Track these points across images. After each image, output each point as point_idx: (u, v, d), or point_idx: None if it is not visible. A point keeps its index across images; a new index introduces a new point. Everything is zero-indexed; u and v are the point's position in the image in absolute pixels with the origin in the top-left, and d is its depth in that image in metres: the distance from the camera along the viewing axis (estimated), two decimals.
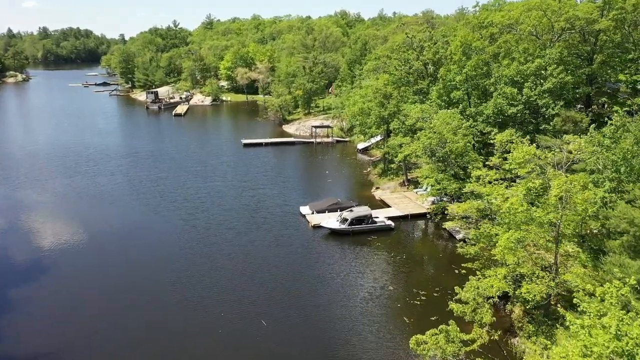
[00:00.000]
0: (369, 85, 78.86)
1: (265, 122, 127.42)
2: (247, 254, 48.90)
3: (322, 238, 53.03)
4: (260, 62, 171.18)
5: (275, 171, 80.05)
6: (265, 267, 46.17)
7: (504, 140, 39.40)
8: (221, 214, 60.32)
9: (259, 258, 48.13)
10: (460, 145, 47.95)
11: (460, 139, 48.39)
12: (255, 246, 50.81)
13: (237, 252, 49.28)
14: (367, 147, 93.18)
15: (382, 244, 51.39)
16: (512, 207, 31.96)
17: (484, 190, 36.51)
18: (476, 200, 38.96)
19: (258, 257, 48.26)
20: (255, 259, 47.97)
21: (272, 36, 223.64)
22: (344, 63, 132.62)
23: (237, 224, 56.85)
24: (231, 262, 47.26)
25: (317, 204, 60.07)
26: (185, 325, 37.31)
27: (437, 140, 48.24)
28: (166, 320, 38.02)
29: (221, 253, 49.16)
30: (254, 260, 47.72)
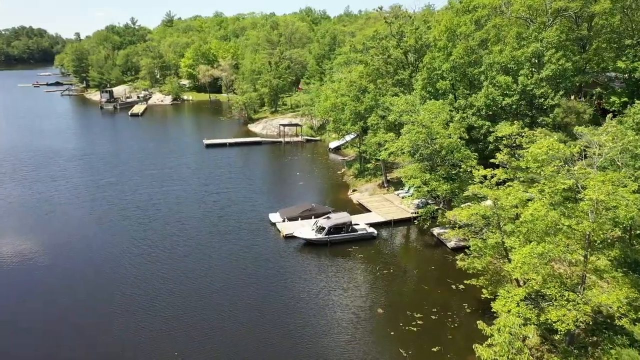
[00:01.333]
0: (341, 78, 72.30)
1: (229, 121, 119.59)
2: (207, 271, 41.46)
3: (295, 250, 46.06)
4: (223, 59, 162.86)
5: (241, 173, 72.59)
6: (230, 287, 38.87)
7: (513, 133, 33.30)
8: (179, 222, 52.61)
9: (222, 276, 40.79)
10: (453, 140, 41.85)
11: (452, 133, 42.26)
12: (217, 261, 43.42)
13: (195, 269, 41.78)
14: (339, 146, 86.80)
15: (365, 255, 44.79)
16: (537, 213, 25.75)
17: (492, 194, 30.31)
18: (480, 204, 32.71)
19: (221, 275, 40.90)
20: (217, 276, 40.61)
21: (236, 33, 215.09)
22: (312, 58, 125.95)
23: (197, 235, 49.29)
24: (188, 281, 39.73)
25: (288, 211, 53.05)
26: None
27: (426, 136, 41.98)
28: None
29: (176, 271, 41.54)
30: (216, 278, 40.35)
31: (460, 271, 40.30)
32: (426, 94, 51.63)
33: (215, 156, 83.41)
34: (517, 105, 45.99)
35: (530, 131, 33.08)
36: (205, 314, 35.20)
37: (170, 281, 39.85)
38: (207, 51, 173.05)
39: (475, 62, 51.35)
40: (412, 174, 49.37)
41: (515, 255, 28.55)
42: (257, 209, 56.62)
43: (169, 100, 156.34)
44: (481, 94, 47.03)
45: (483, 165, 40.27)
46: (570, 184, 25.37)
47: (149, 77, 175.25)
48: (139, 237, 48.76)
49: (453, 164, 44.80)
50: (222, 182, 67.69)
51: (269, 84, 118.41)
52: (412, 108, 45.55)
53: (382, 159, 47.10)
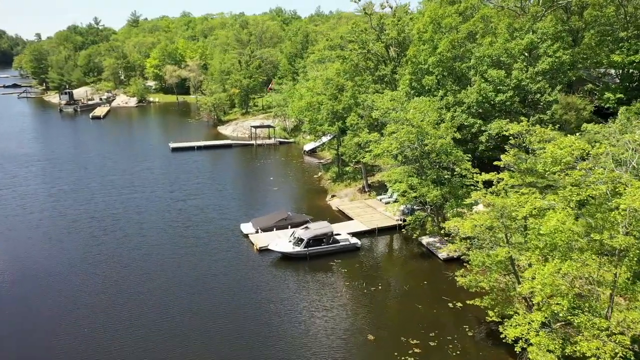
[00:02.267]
0: (317, 76, 67.71)
1: (198, 123, 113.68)
2: (170, 293, 36.14)
3: (271, 265, 41.11)
4: (190, 59, 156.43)
5: (210, 179, 67.12)
6: (195, 311, 33.68)
7: (523, 130, 29.22)
8: (139, 234, 47.03)
9: (186, 298, 35.54)
10: (445, 141, 37.63)
11: (444, 133, 38.05)
12: (181, 280, 38.13)
13: (156, 291, 36.42)
14: (315, 148, 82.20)
15: (349, 269, 40.15)
16: (561, 225, 21.54)
17: (500, 202, 26.03)
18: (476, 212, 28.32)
19: (184, 297, 35.65)
20: (180, 299, 35.34)
21: (204, 34, 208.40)
22: (284, 57, 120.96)
23: (158, 249, 43.83)
24: (146, 308, 34.35)
25: (262, 220, 48.03)
26: None
27: (416, 136, 37.63)
28: None
29: (133, 293, 36.09)
30: (179, 300, 35.09)
31: (455, 286, 36.09)
32: (411, 91, 47.42)
33: (182, 160, 77.68)
34: (511, 102, 42.12)
35: (540, 129, 28.94)
36: (168, 347, 29.93)
37: (125, 307, 34.36)
38: (174, 51, 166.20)
39: (462, 56, 47.41)
40: (397, 178, 45.10)
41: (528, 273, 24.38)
42: (228, 218, 51.43)
43: (134, 102, 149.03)
44: (472, 90, 43.02)
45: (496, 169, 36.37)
46: (603, 191, 21.27)
47: (112, 79, 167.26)
48: (92, 253, 43.05)
49: (444, 167, 40.61)
50: (189, 188, 62.17)
51: (239, 84, 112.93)
52: (399, 105, 41.20)
53: (366, 162, 42.64)
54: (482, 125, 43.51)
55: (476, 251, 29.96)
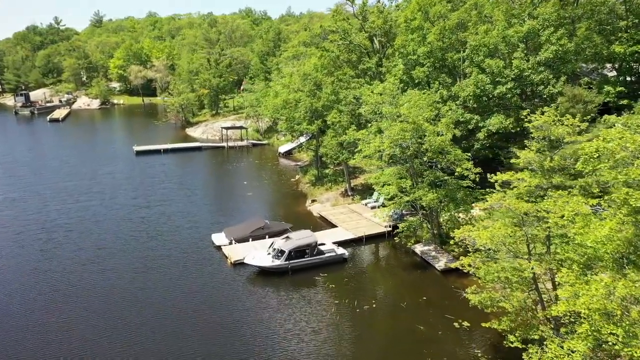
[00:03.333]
0: (293, 72, 62.94)
1: (165, 125, 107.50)
2: (132, 316, 30.71)
3: (247, 281, 36.02)
4: (157, 59, 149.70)
5: (178, 183, 61.49)
6: (160, 338, 28.37)
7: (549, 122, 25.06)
8: (95, 247, 41.36)
9: (150, 321, 30.18)
10: (445, 139, 33.33)
11: (444, 129, 33.72)
12: (143, 300, 32.70)
13: (111, 313, 30.93)
14: (290, 150, 77.35)
15: (337, 284, 35.37)
16: (615, 235, 17.31)
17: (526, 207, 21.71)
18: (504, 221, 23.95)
19: (148, 320, 30.28)
20: (143, 323, 29.96)
21: (171, 34, 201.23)
22: (255, 56, 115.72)
23: (117, 264, 38.27)
24: (103, 331, 28.86)
25: (236, 230, 42.85)
26: None
27: (412, 133, 33.20)
28: None
29: (87, 315, 30.54)
30: (141, 325, 29.71)
31: (459, 301, 31.85)
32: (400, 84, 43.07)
33: (147, 164, 71.74)
34: (511, 95, 38.22)
35: (572, 119, 24.81)
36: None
37: (78, 332, 28.79)
38: (139, 51, 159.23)
39: (453, 47, 43.38)
40: (386, 181, 40.68)
41: (565, 292, 20.12)
42: (197, 227, 46.10)
43: (97, 105, 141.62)
44: (469, 82, 38.94)
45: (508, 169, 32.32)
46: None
47: (73, 80, 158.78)
48: (41, 269, 37.26)
49: (441, 167, 36.32)
50: (154, 194, 56.48)
51: (209, 83, 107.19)
52: (389, 99, 36.74)
53: (354, 163, 37.93)
54: (480, 121, 39.50)
55: (489, 264, 25.58)
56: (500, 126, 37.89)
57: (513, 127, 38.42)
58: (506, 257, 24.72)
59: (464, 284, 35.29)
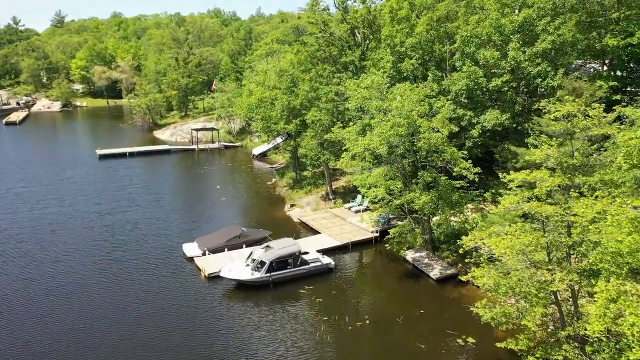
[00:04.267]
0: (267, 69, 59.39)
1: (131, 128, 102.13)
2: (88, 338, 26.62)
3: (224, 297, 32.26)
4: (122, 59, 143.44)
5: (145, 188, 57.06)
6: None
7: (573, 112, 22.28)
8: (51, 259, 36.98)
9: (112, 345, 26.14)
10: (441, 136, 30.36)
11: (440, 126, 30.74)
12: (105, 322, 28.60)
13: (69, 335, 26.76)
14: (265, 151, 73.68)
15: (325, 298, 31.93)
16: None
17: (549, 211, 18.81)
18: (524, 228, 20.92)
19: (110, 344, 26.23)
20: (104, 347, 25.89)
21: (137, 34, 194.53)
22: (226, 56, 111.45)
23: (77, 278, 34.02)
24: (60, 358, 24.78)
25: (210, 239, 38.98)
26: None
27: (406, 129, 30.09)
28: None
29: (38, 337, 26.30)
30: (102, 350, 25.65)
31: (459, 313, 29.05)
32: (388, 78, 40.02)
33: (111, 168, 66.94)
34: (508, 88, 35.64)
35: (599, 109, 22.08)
36: None
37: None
38: (103, 51, 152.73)
39: (441, 39, 40.64)
40: (374, 182, 37.60)
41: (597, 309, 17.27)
42: (167, 236, 42.06)
43: (58, 107, 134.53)
44: (462, 75, 36.15)
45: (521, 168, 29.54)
46: None
47: (32, 81, 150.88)
48: None
49: (439, 167, 33.35)
50: (119, 199, 52.01)
51: (177, 84, 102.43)
52: (378, 94, 33.57)
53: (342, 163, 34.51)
54: (473, 117, 36.77)
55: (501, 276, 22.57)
56: (496, 122, 35.25)
57: (509, 123, 35.84)
58: (520, 267, 21.77)
59: (463, 294, 32.54)
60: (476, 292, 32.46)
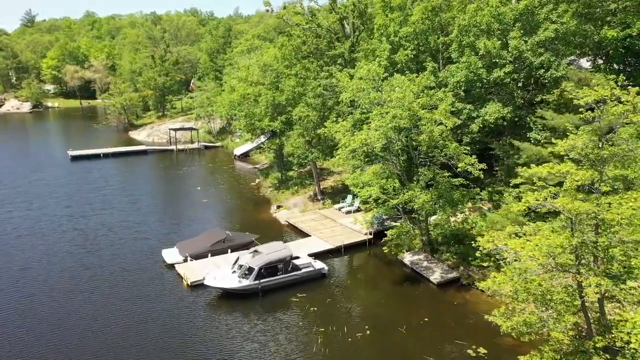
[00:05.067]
0: (250, 64, 56.71)
1: (106, 129, 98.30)
2: (57, 355, 23.64)
3: (209, 307, 29.47)
4: (95, 59, 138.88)
5: (121, 190, 53.73)
6: None
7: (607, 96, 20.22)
8: (17, 268, 33.57)
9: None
10: (445, 129, 28.15)
11: (444, 118, 28.50)
12: (77, 334, 25.57)
13: (40, 352, 23.76)
14: (247, 151, 70.93)
15: (320, 307, 29.35)
16: None
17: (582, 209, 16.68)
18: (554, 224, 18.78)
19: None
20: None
21: (111, 34, 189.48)
22: (204, 54, 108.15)
23: (46, 286, 30.84)
24: None
25: (192, 244, 36.07)
26: None
27: (408, 122, 27.79)
28: None
29: (2, 351, 23.25)
30: None
31: (466, 321, 26.88)
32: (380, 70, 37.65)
33: (85, 170, 63.32)
34: (510, 80, 33.68)
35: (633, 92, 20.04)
36: None
37: None
38: (76, 50, 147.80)
39: (436, 29, 38.56)
40: (368, 181, 35.28)
41: None
42: (146, 241, 39.02)
43: (28, 108, 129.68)
44: (461, 66, 34.05)
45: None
46: None
47: (0, 81, 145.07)
48: None
49: (438, 164, 31.10)
50: (93, 202, 48.67)
51: (154, 82, 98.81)
52: (373, 85, 31.20)
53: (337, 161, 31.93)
54: (473, 111, 34.72)
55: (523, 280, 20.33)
56: (498, 115, 33.25)
57: (512, 116, 33.89)
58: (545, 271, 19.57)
59: (467, 299, 30.39)
60: (480, 296, 30.39)
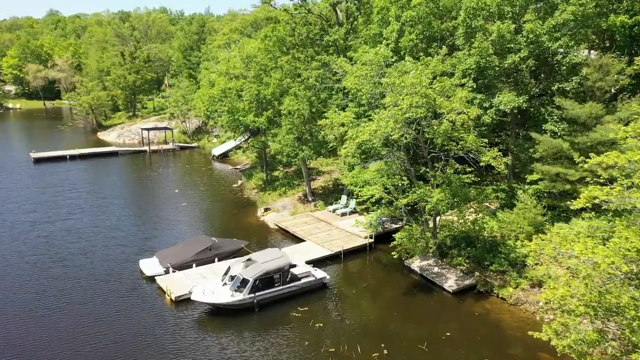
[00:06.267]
0: (232, 56, 52.80)
1: (72, 130, 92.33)
2: None
3: (198, 326, 25.51)
4: (60, 57, 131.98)
5: (91, 193, 48.95)
6: None
7: None
8: None
9: None
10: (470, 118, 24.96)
11: (463, 106, 25.29)
12: (40, 357, 21.43)
13: None
14: (226, 152, 66.88)
15: (327, 323, 25.67)
16: None
17: None
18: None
19: None
20: None
21: (77, 33, 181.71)
22: (177, 51, 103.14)
23: (6, 302, 26.30)
24: None
25: (174, 252, 31.95)
26: None
27: (426, 109, 24.47)
28: None
29: None
30: None
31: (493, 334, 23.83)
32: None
33: (49, 173, 58.07)
34: (525, 67, 30.76)
35: None
36: None
37: None
38: (39, 48, 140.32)
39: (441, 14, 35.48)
40: (370, 179, 31.91)
41: None
42: (120, 249, 34.71)
43: None
44: (474, 51, 30.97)
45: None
46: None
47: None
48: None
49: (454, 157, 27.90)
50: (59, 207, 43.93)
51: (124, 81, 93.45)
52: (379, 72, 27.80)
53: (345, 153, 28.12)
54: (485, 101, 31.72)
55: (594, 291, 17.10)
56: (514, 105, 30.31)
57: (527, 106, 31.02)
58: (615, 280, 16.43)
59: (488, 308, 27.28)
60: (502, 305, 27.40)
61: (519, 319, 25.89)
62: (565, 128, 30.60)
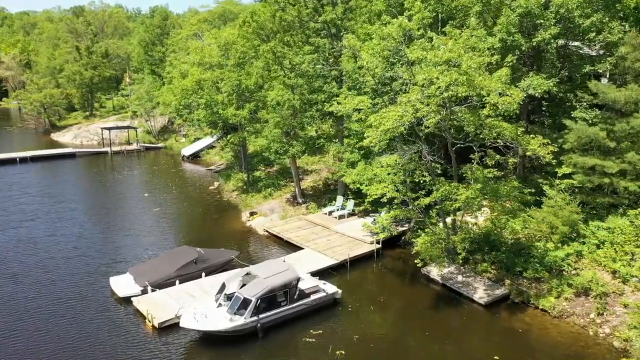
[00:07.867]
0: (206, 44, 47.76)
1: (22, 131, 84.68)
2: None
3: (187, 355, 20.62)
4: (6, 55, 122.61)
5: (47, 198, 42.78)
6: None
7: None
8: None
9: None
10: (517, 101, 21.11)
11: (505, 88, 21.42)
12: None
13: None
14: (197, 152, 61.60)
15: (348, 348, 21.08)
16: None
17: None
18: None
19: None
20: None
21: (25, 30, 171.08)
22: (138, 45, 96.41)
23: None
24: None
25: (152, 267, 26.73)
26: None
27: (467, 88, 20.44)
28: None
29: None
30: None
31: (544, 353, 19.91)
32: None
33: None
34: (556, 46, 27.30)
35: None
36: None
37: None
38: None
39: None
40: (380, 177, 27.85)
41: None
42: (85, 261, 29.25)
43: None
44: (501, 27, 27.21)
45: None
46: None
47: None
48: None
49: (493, 147, 24.05)
50: (9, 213, 37.89)
51: (80, 77, 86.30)
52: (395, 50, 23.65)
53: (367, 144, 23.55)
54: None
55: None
56: (544, 88, 26.77)
57: (557, 90, 27.56)
58: None
59: (529, 323, 23.58)
60: (544, 318, 23.69)
61: (568, 335, 22.20)
62: (597, 115, 27.29)
